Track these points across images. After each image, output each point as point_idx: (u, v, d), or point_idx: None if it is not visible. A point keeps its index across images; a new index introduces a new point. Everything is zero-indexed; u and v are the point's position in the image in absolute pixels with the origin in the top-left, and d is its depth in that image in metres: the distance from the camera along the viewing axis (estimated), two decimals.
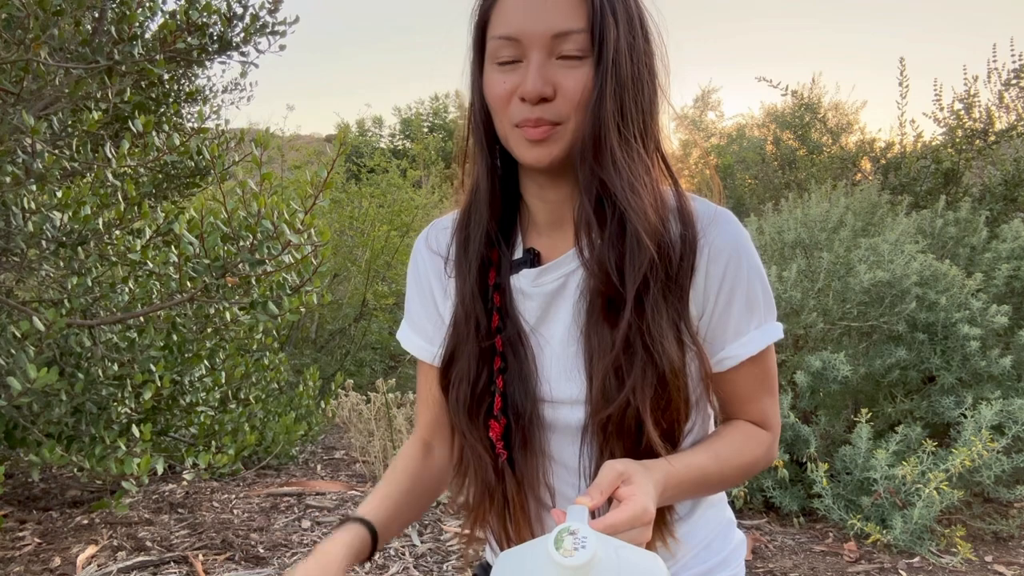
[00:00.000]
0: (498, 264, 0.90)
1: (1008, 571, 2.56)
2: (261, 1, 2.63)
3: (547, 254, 0.89)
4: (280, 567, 2.43)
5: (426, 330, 1.00)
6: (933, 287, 3.23)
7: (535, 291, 0.88)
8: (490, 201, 0.88)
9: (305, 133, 12.67)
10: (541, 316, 0.89)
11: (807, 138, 6.27)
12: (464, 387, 0.88)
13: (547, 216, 0.89)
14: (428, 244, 0.99)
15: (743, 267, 0.85)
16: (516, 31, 0.79)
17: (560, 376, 0.87)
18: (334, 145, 2.12)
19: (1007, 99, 5.42)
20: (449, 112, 15.80)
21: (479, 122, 0.87)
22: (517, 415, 0.87)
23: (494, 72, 0.82)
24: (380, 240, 6.21)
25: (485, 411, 0.88)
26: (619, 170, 0.79)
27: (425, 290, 0.99)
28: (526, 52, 0.79)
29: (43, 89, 2.09)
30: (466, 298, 0.89)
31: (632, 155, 0.80)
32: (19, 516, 2.79)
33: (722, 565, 0.98)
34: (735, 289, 0.85)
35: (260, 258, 2.13)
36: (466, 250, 0.90)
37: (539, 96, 0.78)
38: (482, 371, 0.88)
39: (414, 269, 1.00)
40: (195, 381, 2.80)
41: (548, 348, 0.88)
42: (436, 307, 0.98)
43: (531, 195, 0.89)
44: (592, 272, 0.82)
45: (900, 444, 2.83)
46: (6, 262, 2.29)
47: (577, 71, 0.79)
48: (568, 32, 0.78)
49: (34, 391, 1.95)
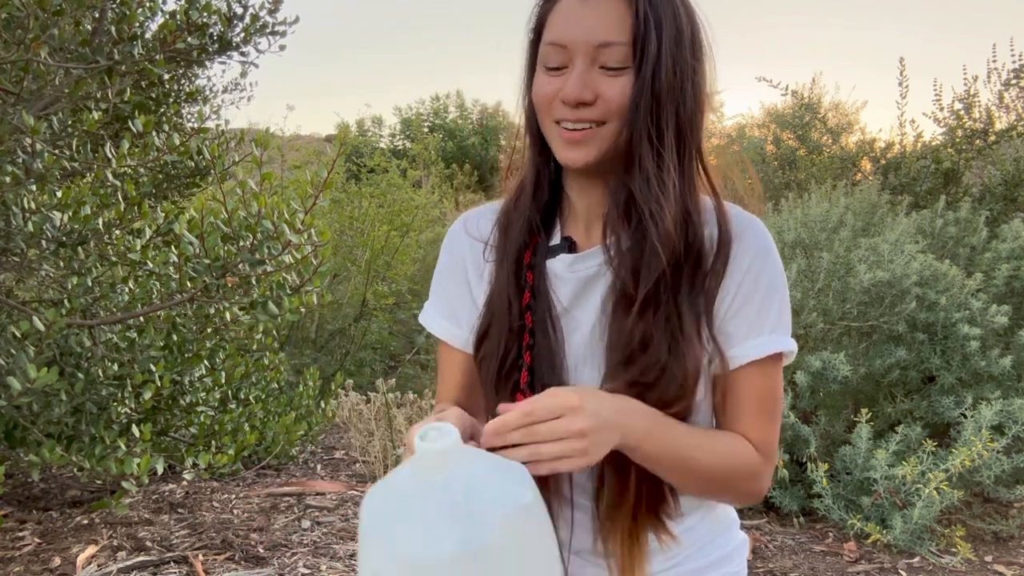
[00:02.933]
0: (535, 248, 0.94)
1: (1008, 571, 2.56)
2: (261, 1, 2.63)
3: (582, 243, 0.94)
4: (280, 567, 2.44)
5: (456, 314, 1.01)
6: (933, 287, 3.23)
7: (570, 276, 0.92)
8: (535, 192, 0.94)
9: (305, 133, 12.66)
10: (573, 300, 0.93)
11: (807, 138, 6.27)
12: (493, 362, 0.92)
13: (585, 209, 0.94)
14: (467, 229, 1.02)
15: (764, 273, 0.89)
16: (564, 38, 0.84)
17: (583, 361, 0.91)
18: (334, 145, 2.12)
19: (1007, 99, 5.42)
20: (449, 112, 15.81)
21: (530, 118, 0.92)
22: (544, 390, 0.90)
23: (542, 75, 0.87)
24: (380, 240, 6.21)
25: (512, 385, 0.91)
26: (648, 180, 0.84)
27: (460, 274, 1.01)
28: (572, 59, 0.84)
29: (43, 89, 2.09)
30: (502, 279, 0.94)
31: (663, 167, 0.84)
32: (19, 516, 2.79)
33: (723, 561, 0.99)
34: (753, 292, 0.88)
35: (260, 258, 2.13)
36: (507, 235, 0.95)
37: (577, 100, 0.83)
38: (511, 347, 0.91)
39: (449, 253, 1.03)
40: (195, 381, 2.80)
41: (577, 332, 0.92)
42: (470, 291, 1.01)
43: (572, 189, 0.94)
44: (614, 270, 0.87)
45: (900, 444, 2.83)
46: (6, 262, 2.29)
47: (617, 80, 0.83)
48: (611, 43, 0.82)
49: (34, 391, 1.95)
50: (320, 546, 2.60)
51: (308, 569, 2.43)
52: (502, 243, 0.95)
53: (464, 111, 15.69)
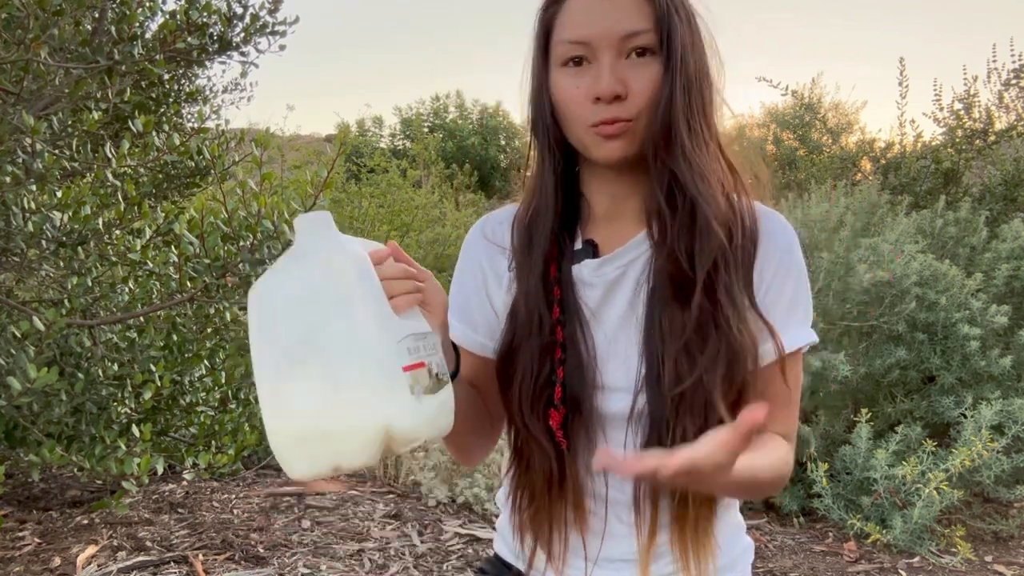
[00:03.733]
0: (558, 257, 0.92)
1: (1008, 571, 2.56)
2: (261, 1, 2.63)
3: (604, 245, 0.92)
4: (280, 567, 2.44)
5: (472, 318, 1.00)
6: (933, 287, 3.22)
7: (597, 280, 0.91)
8: (555, 199, 0.91)
9: (305, 133, 12.65)
10: (600, 304, 0.91)
11: (807, 138, 6.27)
12: (527, 382, 0.89)
13: (606, 209, 0.92)
14: (486, 234, 1.00)
15: (794, 264, 0.89)
16: (586, 35, 0.83)
17: (611, 362, 0.90)
18: (334, 145, 2.13)
19: (1007, 99, 5.42)
20: (449, 112, 15.80)
21: (547, 124, 0.89)
22: (575, 404, 0.89)
23: (563, 75, 0.85)
24: (380, 240, 6.20)
25: (545, 401, 0.89)
26: (689, 161, 0.83)
27: (478, 278, 1.00)
28: (596, 54, 0.83)
29: (43, 89, 2.09)
30: (529, 294, 0.91)
31: (701, 146, 0.84)
32: (19, 516, 2.79)
33: (729, 567, 0.98)
34: (785, 283, 0.89)
35: (260, 258, 2.13)
36: (530, 247, 0.93)
37: (613, 95, 0.81)
38: (544, 364, 0.89)
39: (467, 257, 1.02)
40: (195, 381, 2.80)
41: (601, 333, 0.91)
42: (488, 297, 0.99)
43: (592, 190, 0.93)
44: (664, 257, 0.86)
45: (900, 444, 2.83)
46: (6, 262, 2.29)
47: (647, 69, 0.82)
48: (637, 32, 0.82)
49: (34, 391, 1.95)
50: (320, 546, 2.60)
51: (308, 569, 2.43)
52: (524, 255, 0.93)
53: (464, 111, 15.67)
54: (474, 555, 2.58)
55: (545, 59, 0.88)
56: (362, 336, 0.73)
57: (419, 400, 0.74)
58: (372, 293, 0.76)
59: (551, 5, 0.87)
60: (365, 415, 0.72)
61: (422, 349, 0.77)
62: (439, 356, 0.80)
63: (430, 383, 0.76)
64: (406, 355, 0.74)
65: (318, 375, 0.72)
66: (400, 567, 2.48)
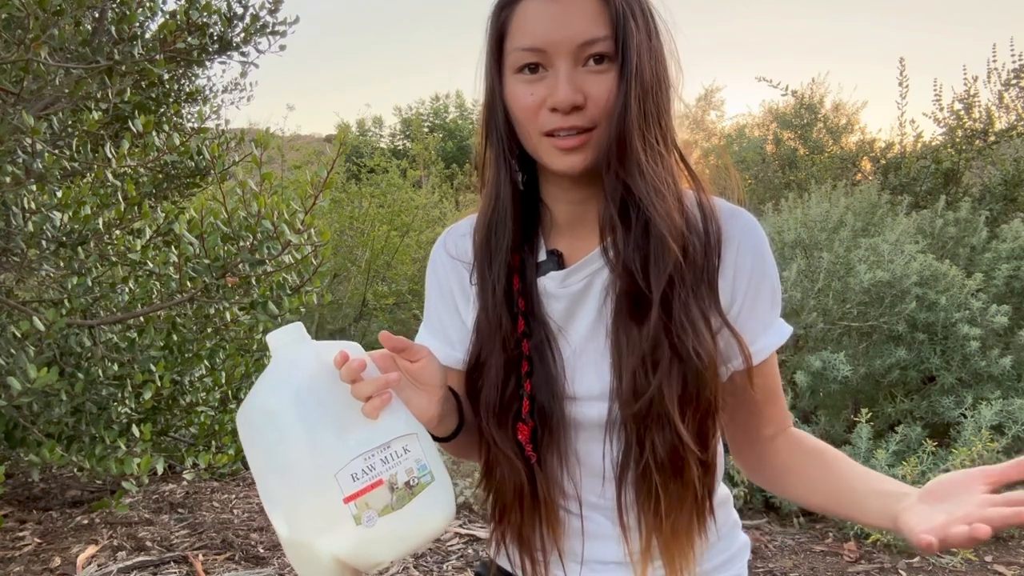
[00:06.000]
0: (521, 269, 0.89)
1: (1008, 571, 2.56)
2: (261, 1, 2.63)
3: (569, 254, 0.90)
4: (280, 567, 2.44)
5: (449, 336, 0.98)
6: (933, 287, 3.22)
7: (562, 292, 0.88)
8: (512, 209, 0.87)
9: (305, 133, 12.67)
10: (566, 316, 0.89)
11: (807, 138, 6.27)
12: (492, 394, 0.87)
13: (569, 217, 0.89)
14: (448, 250, 0.98)
15: (767, 261, 0.88)
16: (541, 42, 0.79)
17: (583, 371, 0.88)
18: (334, 145, 2.13)
19: (1007, 99, 5.42)
20: (449, 112, 15.81)
21: (501, 133, 0.86)
22: (544, 417, 0.88)
23: (517, 83, 0.82)
24: (380, 240, 6.21)
25: (513, 415, 0.87)
26: (644, 175, 0.80)
27: (447, 297, 0.98)
28: (552, 61, 0.79)
29: (43, 89, 2.09)
30: (491, 307, 0.88)
31: (655, 158, 0.81)
32: (19, 516, 2.79)
33: (727, 565, 0.98)
34: (762, 281, 0.88)
35: (260, 258, 2.13)
36: (490, 259, 0.89)
37: (572, 105, 0.78)
38: (510, 377, 0.87)
39: (434, 276, 0.99)
40: (195, 381, 2.80)
41: (571, 346, 0.89)
42: (459, 313, 0.97)
43: (552, 198, 0.90)
44: (618, 274, 0.83)
45: (900, 444, 2.83)
46: (6, 262, 2.29)
47: (604, 76, 0.79)
48: (594, 40, 0.78)
49: (34, 391, 1.95)
50: None
51: None
52: (485, 268, 0.89)
53: (464, 111, 15.68)
54: (474, 555, 2.58)
55: (499, 64, 0.84)
56: (300, 472, 0.73)
57: (369, 527, 0.73)
58: (319, 414, 0.75)
59: (504, 8, 0.83)
60: (317, 546, 0.74)
61: (379, 465, 0.75)
62: (413, 458, 0.78)
63: (392, 499, 0.74)
64: (349, 483, 0.73)
65: (281, 502, 0.75)
66: (400, 567, 2.48)
